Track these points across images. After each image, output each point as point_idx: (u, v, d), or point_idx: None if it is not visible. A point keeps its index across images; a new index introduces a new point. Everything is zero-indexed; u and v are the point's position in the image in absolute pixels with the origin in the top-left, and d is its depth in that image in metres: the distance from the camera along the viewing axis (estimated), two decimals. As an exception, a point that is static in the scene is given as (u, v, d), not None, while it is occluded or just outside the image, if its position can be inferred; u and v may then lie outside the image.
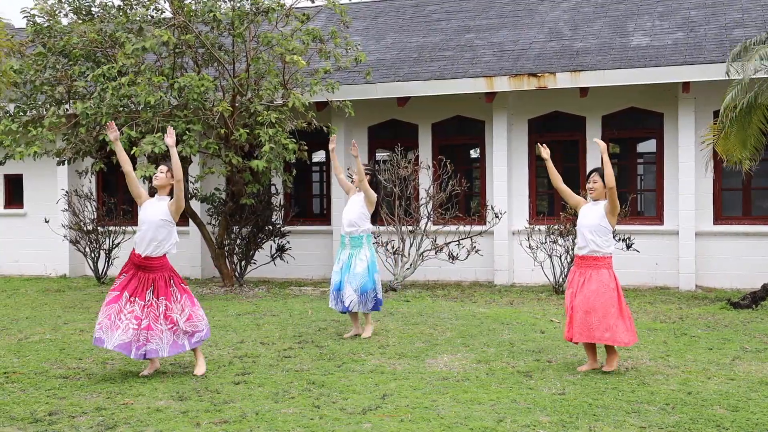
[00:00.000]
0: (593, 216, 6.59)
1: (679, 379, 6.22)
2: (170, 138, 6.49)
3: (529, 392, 5.85)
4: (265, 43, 11.22)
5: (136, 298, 6.41)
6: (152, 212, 6.47)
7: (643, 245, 11.81)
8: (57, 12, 11.75)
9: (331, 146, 8.53)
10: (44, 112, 11.53)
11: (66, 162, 12.27)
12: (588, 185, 6.69)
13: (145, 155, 10.72)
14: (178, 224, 6.73)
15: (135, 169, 10.65)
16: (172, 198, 6.52)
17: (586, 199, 6.88)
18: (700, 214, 12.06)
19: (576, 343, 6.73)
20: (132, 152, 10.58)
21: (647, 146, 13.26)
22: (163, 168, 6.56)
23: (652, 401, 5.58)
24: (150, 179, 10.99)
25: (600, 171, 6.65)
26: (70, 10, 11.83)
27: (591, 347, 6.62)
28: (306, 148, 11.99)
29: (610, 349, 6.53)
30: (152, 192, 6.66)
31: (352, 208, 8.17)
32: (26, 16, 11.71)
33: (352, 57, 11.94)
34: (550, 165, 7.06)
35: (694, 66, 11.45)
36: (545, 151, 7.05)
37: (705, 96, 11.83)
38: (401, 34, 15.09)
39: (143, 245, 6.46)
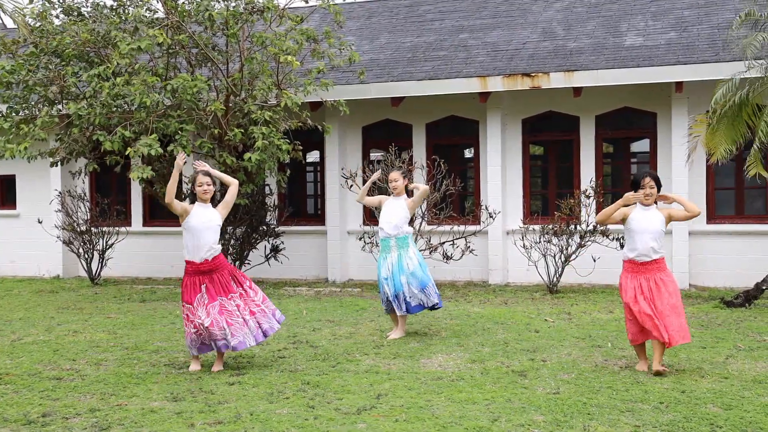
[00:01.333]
0: (655, 222, 6.50)
1: (673, 377, 6.24)
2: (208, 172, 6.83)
3: (523, 391, 5.86)
4: (259, 43, 11.21)
5: (231, 295, 6.71)
6: (208, 219, 6.72)
7: (636, 244, 11.83)
8: (48, 14, 11.72)
9: (375, 177, 8.59)
10: (37, 112, 11.50)
11: (59, 163, 12.25)
12: (644, 191, 6.49)
13: (140, 157, 10.70)
14: (171, 225, 6.91)
15: (130, 170, 10.66)
16: (213, 205, 6.88)
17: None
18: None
19: (670, 345, 6.43)
20: (126, 153, 10.56)
21: (641, 146, 13.30)
22: (207, 180, 6.80)
23: (646, 400, 5.59)
24: (146, 181, 10.98)
25: (653, 175, 6.56)
26: (60, 11, 11.80)
27: (643, 348, 6.60)
28: (300, 148, 11.99)
29: (663, 347, 6.46)
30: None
31: (394, 211, 8.23)
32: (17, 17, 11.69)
33: (345, 57, 11.94)
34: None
35: (687, 66, 11.49)
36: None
37: (698, 95, 11.86)
38: (395, 34, 15.10)
39: (205, 250, 6.69)
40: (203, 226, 6.70)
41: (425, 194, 8.50)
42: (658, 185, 6.56)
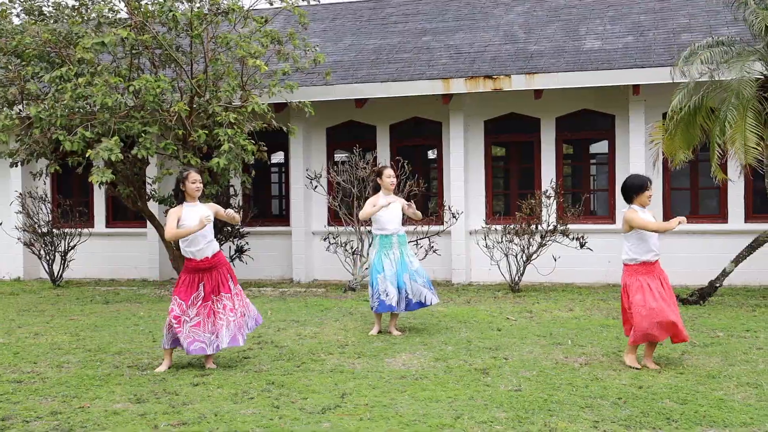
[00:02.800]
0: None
1: (631, 374, 6.39)
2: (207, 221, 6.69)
3: (486, 389, 5.96)
4: (224, 44, 11.18)
5: (222, 294, 6.75)
6: (201, 216, 6.65)
7: (596, 244, 12.06)
8: (8, 12, 11.55)
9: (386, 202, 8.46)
10: (-3, 113, 11.34)
11: (19, 164, 12.07)
12: (648, 193, 6.68)
13: (102, 160, 10.61)
14: (134, 226, 6.91)
15: (91, 174, 10.55)
16: (203, 203, 6.90)
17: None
18: (650, 213, 12.32)
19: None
20: (87, 155, 10.45)
21: (600, 147, 13.55)
22: (199, 177, 6.80)
23: (605, 396, 5.72)
24: (108, 184, 10.88)
25: (650, 180, 6.76)
26: (21, 10, 11.64)
27: (655, 346, 6.74)
28: (265, 148, 11.98)
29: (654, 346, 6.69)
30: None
31: (395, 209, 8.33)
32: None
33: (310, 58, 11.96)
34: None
35: (643, 69, 11.74)
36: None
37: (654, 98, 12.13)
38: (359, 36, 15.16)
39: (206, 248, 6.71)
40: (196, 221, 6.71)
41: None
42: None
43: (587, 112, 12.96)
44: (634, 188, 6.70)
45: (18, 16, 11.80)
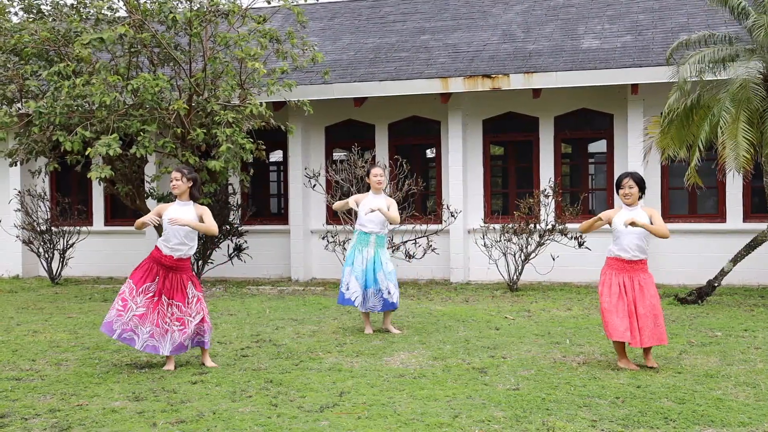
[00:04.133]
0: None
1: (629, 373, 6.40)
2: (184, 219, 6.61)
3: (484, 388, 5.97)
4: (222, 44, 11.18)
5: (173, 300, 6.66)
6: (179, 216, 6.63)
7: (594, 243, 12.05)
8: (6, 10, 11.54)
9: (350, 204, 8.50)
10: (-4, 111, 11.34)
11: (18, 163, 12.07)
12: (623, 191, 6.59)
13: (100, 156, 10.60)
14: (132, 224, 6.92)
15: (90, 167, 10.57)
16: (193, 201, 6.79)
17: (613, 207, 6.84)
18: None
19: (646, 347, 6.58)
20: (86, 153, 10.45)
21: (598, 146, 13.56)
22: (176, 175, 6.74)
23: (603, 395, 5.73)
24: (106, 179, 10.89)
25: (633, 176, 6.60)
26: (20, 8, 11.63)
27: (623, 347, 6.65)
28: (264, 147, 11.99)
29: (649, 348, 6.61)
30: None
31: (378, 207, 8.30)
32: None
33: (309, 57, 11.96)
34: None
35: (642, 68, 11.75)
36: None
37: (653, 97, 12.14)
38: (357, 35, 15.16)
39: (174, 248, 6.67)
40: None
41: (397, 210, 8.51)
42: (640, 186, 6.60)
43: (586, 111, 12.97)
44: (615, 186, 6.78)
45: (17, 14, 11.79)
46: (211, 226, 6.71)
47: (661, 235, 6.54)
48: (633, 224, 6.45)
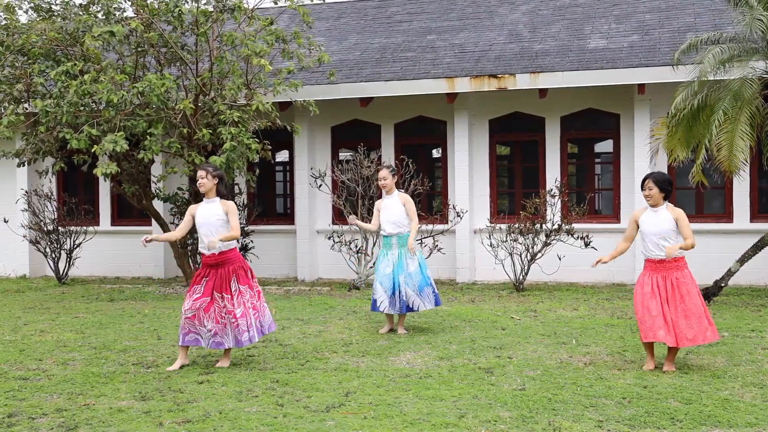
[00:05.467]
0: (663, 223, 6.51)
1: (635, 373, 6.39)
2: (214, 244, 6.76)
3: (490, 388, 5.96)
4: (229, 43, 11.21)
5: (223, 294, 6.74)
6: (208, 214, 6.80)
7: (600, 243, 12.01)
8: (15, 8, 11.58)
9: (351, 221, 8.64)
10: (2, 111, 11.37)
11: (26, 163, 12.11)
12: (644, 192, 6.63)
13: (106, 154, 10.63)
14: (139, 224, 6.98)
15: (96, 166, 10.60)
16: (220, 197, 6.89)
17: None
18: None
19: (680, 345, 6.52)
20: (93, 150, 10.48)
21: (604, 146, 13.53)
22: (201, 173, 6.88)
23: (610, 395, 5.73)
24: (111, 176, 10.92)
25: (654, 177, 6.60)
26: (29, 7, 11.67)
27: (652, 347, 6.63)
28: (269, 147, 12.00)
29: (675, 349, 6.55)
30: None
31: (394, 209, 8.32)
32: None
33: (315, 57, 11.97)
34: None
35: (648, 68, 11.72)
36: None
37: (660, 97, 12.10)
38: (364, 35, 15.16)
39: (204, 243, 6.77)
40: (202, 220, 6.82)
41: (414, 210, 8.50)
42: (661, 186, 6.55)
43: (592, 111, 12.94)
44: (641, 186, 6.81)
45: (26, 12, 11.83)
46: (235, 231, 6.80)
47: (690, 248, 6.47)
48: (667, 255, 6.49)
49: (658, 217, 6.57)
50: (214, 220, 6.78)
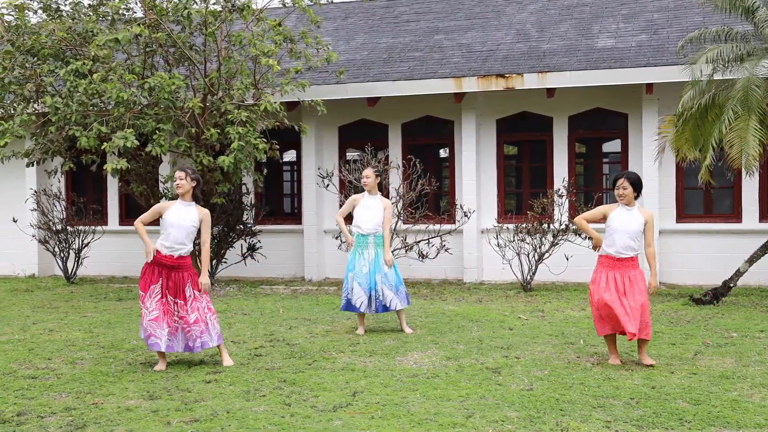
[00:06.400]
0: (634, 223, 6.69)
1: (643, 373, 6.37)
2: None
3: (497, 388, 5.96)
4: (237, 43, 11.23)
5: (177, 299, 6.73)
6: (183, 217, 6.76)
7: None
8: (26, 9, 11.63)
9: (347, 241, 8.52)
10: (12, 111, 11.42)
11: (35, 163, 12.16)
12: (617, 191, 6.75)
13: (114, 153, 10.67)
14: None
15: (105, 162, 10.65)
16: (196, 203, 6.89)
17: (607, 204, 7.06)
18: (663, 212, 12.31)
19: (631, 339, 6.70)
20: (102, 147, 10.52)
21: (612, 146, 13.50)
22: (180, 174, 6.84)
23: (617, 396, 5.71)
24: (120, 175, 10.96)
25: (628, 176, 6.74)
26: (39, 7, 11.72)
27: (615, 340, 6.83)
28: (277, 147, 12.01)
29: (645, 343, 6.75)
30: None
31: (375, 211, 8.31)
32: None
33: (322, 57, 11.98)
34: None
35: (657, 68, 11.68)
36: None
37: (668, 97, 12.06)
38: (371, 35, 15.16)
39: (173, 247, 6.74)
40: (175, 222, 6.74)
41: (390, 216, 8.53)
42: (635, 186, 6.70)
43: (600, 110, 12.91)
44: (612, 185, 6.96)
45: (35, 13, 11.88)
46: (206, 249, 6.89)
47: (653, 256, 6.81)
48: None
49: (631, 216, 6.73)
50: (188, 224, 6.74)
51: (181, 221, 6.74)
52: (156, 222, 7.11)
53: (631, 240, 6.68)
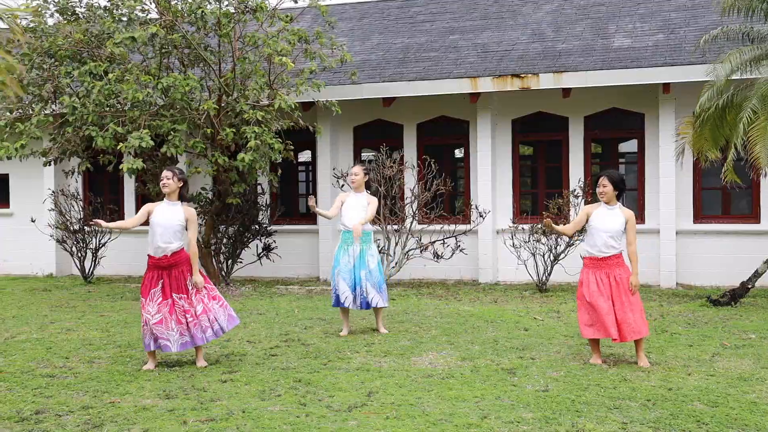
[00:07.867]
0: (614, 223, 6.75)
1: (660, 375, 6.34)
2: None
3: (512, 389, 5.94)
4: (251, 43, 11.26)
5: (181, 295, 6.78)
6: (169, 216, 6.80)
7: (625, 244, 11.96)
8: (42, 12, 11.72)
9: (310, 203, 8.32)
10: (31, 111, 11.53)
11: (52, 162, 12.26)
12: (598, 190, 6.84)
13: (131, 153, 10.73)
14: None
15: (122, 162, 10.72)
16: (182, 201, 6.94)
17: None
18: (680, 213, 12.23)
19: (617, 341, 6.77)
20: (118, 147, 10.59)
21: (629, 146, 13.42)
22: (167, 174, 6.89)
23: (634, 397, 5.68)
24: (136, 176, 11.02)
25: (609, 174, 6.82)
26: (55, 10, 11.81)
27: (598, 342, 6.87)
28: (292, 147, 12.04)
29: (641, 343, 6.75)
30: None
31: (358, 208, 8.32)
32: (9, 17, 11.66)
33: (337, 57, 12.00)
34: (559, 229, 7.23)
35: (674, 67, 11.60)
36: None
37: (685, 97, 11.98)
38: (386, 35, 15.17)
39: (163, 247, 6.77)
40: (161, 221, 6.78)
41: (374, 209, 8.49)
42: (615, 185, 6.77)
43: (616, 110, 12.84)
44: (593, 184, 6.99)
45: (52, 15, 11.97)
46: (192, 244, 6.93)
47: (635, 254, 6.83)
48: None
49: (612, 215, 6.78)
50: (174, 224, 6.78)
51: (167, 221, 6.78)
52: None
53: (611, 239, 6.72)
